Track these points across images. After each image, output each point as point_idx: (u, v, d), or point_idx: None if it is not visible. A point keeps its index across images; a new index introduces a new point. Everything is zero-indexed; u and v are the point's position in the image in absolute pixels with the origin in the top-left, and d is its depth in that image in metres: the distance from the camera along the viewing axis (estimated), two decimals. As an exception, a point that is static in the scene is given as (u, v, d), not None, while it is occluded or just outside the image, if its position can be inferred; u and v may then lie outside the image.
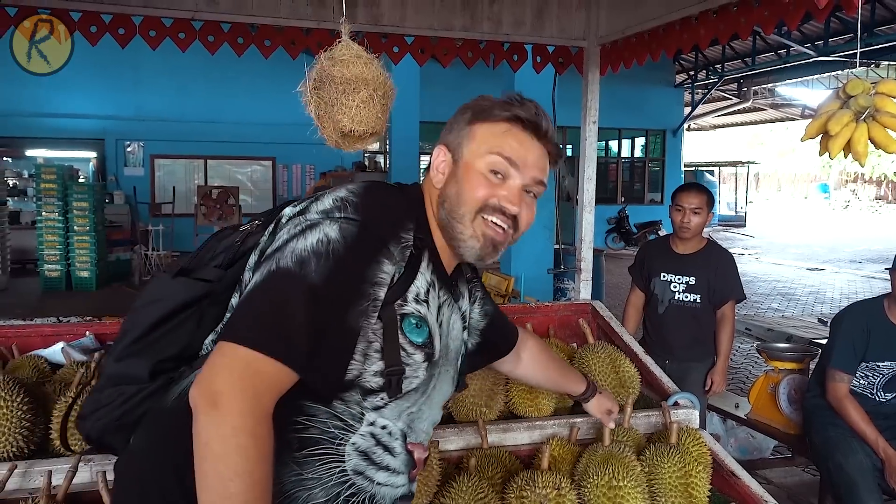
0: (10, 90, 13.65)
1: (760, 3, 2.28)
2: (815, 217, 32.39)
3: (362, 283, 1.13)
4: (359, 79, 1.84)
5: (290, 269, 1.10)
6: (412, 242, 1.22)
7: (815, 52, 13.59)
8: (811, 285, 12.18)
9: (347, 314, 1.11)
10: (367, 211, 1.19)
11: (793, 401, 3.57)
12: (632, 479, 1.79)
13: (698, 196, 3.49)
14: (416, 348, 1.23)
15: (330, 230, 1.14)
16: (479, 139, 1.30)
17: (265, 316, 1.06)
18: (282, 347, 1.04)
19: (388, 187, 1.32)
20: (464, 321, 1.49)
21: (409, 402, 1.25)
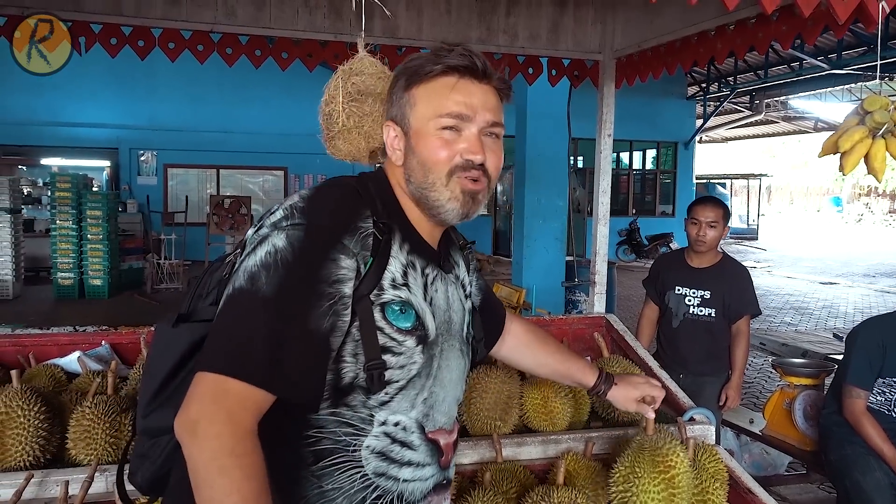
0: (26, 99, 13.84)
1: (778, 17, 2.27)
2: (827, 230, 32.20)
3: (318, 284, 1.11)
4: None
5: (242, 287, 1.10)
6: (372, 230, 1.18)
7: (829, 64, 13.55)
8: (824, 299, 12.08)
9: (308, 319, 1.10)
10: (314, 212, 1.17)
11: (808, 417, 3.53)
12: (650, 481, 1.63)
13: (714, 209, 3.47)
14: (405, 334, 1.21)
15: (277, 240, 1.13)
16: (420, 103, 1.25)
17: (224, 339, 1.08)
18: (241, 366, 1.04)
19: (339, 182, 1.27)
20: (464, 289, 1.45)
21: (416, 390, 1.23)
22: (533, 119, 8.02)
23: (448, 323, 1.32)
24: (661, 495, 1.61)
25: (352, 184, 1.26)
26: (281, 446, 1.16)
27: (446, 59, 1.24)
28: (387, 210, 1.25)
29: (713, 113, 18.47)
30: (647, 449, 1.66)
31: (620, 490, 1.67)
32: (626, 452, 1.71)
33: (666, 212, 19.32)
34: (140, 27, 2.68)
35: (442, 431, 1.29)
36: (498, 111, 1.29)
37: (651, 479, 1.61)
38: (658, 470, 1.62)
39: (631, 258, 17.33)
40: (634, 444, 1.72)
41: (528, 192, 8.06)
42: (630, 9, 2.96)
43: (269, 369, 1.06)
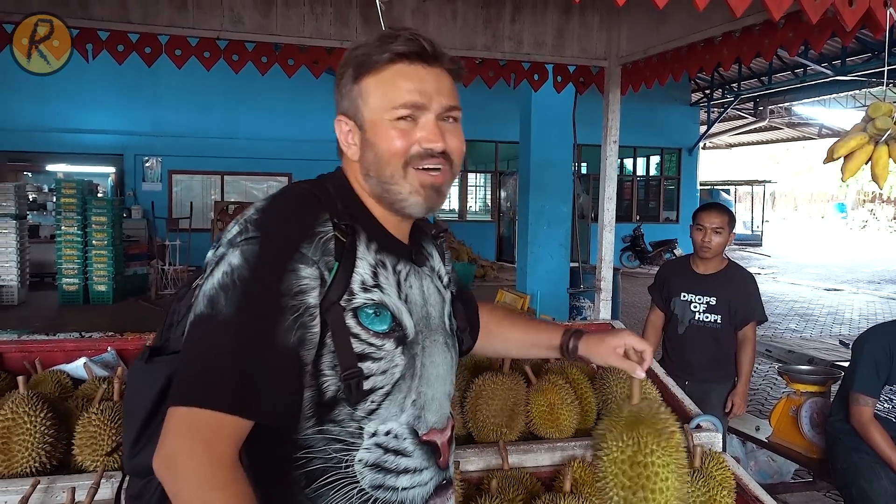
0: (32, 106, 13.90)
1: (785, 24, 2.27)
2: (832, 237, 32.12)
3: (279, 298, 1.06)
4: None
5: (202, 313, 1.06)
6: (333, 233, 1.13)
7: (833, 71, 13.55)
8: (829, 306, 12.05)
9: (274, 336, 1.05)
10: (268, 223, 1.12)
11: (815, 424, 3.52)
12: (664, 453, 1.37)
13: (720, 216, 3.47)
14: (382, 337, 1.16)
15: (232, 258, 1.08)
16: (372, 94, 1.19)
17: (191, 369, 1.04)
18: (211, 396, 1.01)
19: (295, 187, 1.21)
20: (441, 280, 1.40)
21: (403, 393, 1.19)
22: (537, 125, 8.02)
23: (427, 318, 1.27)
24: (678, 469, 1.39)
25: (308, 188, 1.20)
26: (271, 472, 1.13)
27: (393, 46, 1.18)
28: (348, 210, 1.20)
29: (717, 119, 18.48)
30: (646, 420, 1.40)
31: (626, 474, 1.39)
32: (615, 430, 1.42)
33: (670, 218, 19.31)
34: (147, 34, 2.69)
35: (435, 431, 1.25)
36: (453, 94, 1.25)
37: (665, 454, 1.38)
38: (665, 441, 1.39)
39: (635, 264, 17.30)
40: (623, 418, 1.43)
41: (532, 198, 8.06)
42: (636, 15, 2.97)
43: (240, 395, 1.02)
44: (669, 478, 1.33)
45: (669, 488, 1.32)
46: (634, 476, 1.34)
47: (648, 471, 1.33)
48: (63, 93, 13.95)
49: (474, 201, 20.47)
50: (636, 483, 1.33)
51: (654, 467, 1.33)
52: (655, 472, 1.33)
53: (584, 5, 3.06)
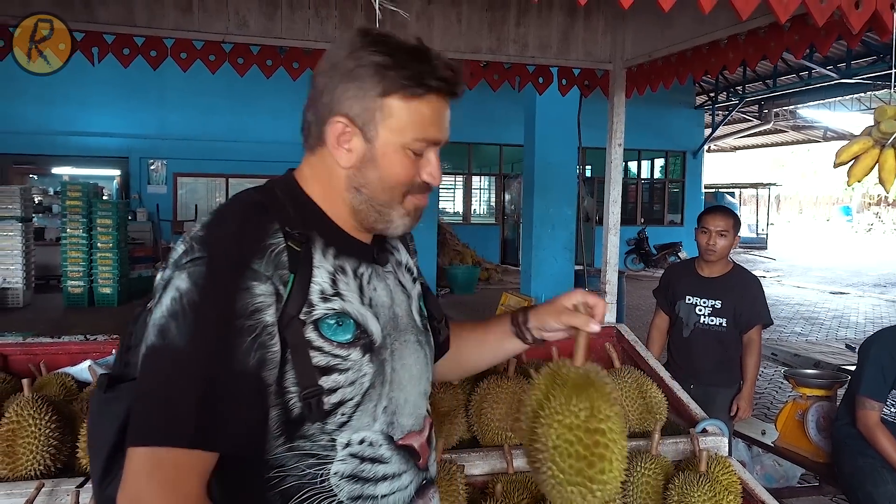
0: (37, 109, 13.95)
1: (791, 27, 2.27)
2: (837, 240, 32.03)
3: (234, 320, 1.00)
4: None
5: (154, 345, 1.00)
6: (284, 244, 1.07)
7: (838, 74, 13.52)
8: (835, 309, 12.01)
9: (232, 361, 1.00)
10: (214, 241, 1.06)
11: (821, 428, 3.50)
12: (617, 420, 1.19)
13: (724, 218, 3.46)
14: (347, 347, 1.10)
15: (180, 282, 1.02)
16: (397, 116, 1.12)
17: (147, 406, 0.99)
18: (170, 432, 0.96)
19: (241, 198, 1.15)
20: (411, 273, 1.35)
21: (374, 401, 1.14)
22: (542, 128, 8.03)
23: (395, 319, 1.22)
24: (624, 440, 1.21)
25: (255, 197, 1.14)
26: (243, 497, 1.09)
27: (435, 79, 1.12)
28: (301, 216, 1.14)
29: (721, 122, 18.44)
30: (595, 383, 1.20)
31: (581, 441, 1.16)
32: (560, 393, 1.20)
33: (674, 221, 19.28)
34: (152, 37, 2.69)
35: (411, 434, 1.20)
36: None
37: (619, 421, 1.20)
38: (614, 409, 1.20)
39: (639, 267, 17.28)
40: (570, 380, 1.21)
41: (536, 201, 8.05)
42: (641, 18, 2.96)
43: (200, 428, 0.97)
44: (621, 448, 1.18)
45: (622, 459, 1.18)
46: (591, 444, 1.15)
47: (605, 438, 1.15)
48: (68, 96, 14.00)
49: (478, 204, 20.47)
50: (592, 453, 1.15)
51: (610, 434, 1.16)
52: (613, 439, 1.16)
53: (589, 8, 3.05)
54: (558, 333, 1.38)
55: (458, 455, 1.99)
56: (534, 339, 1.41)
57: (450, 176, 18.87)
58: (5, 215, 10.08)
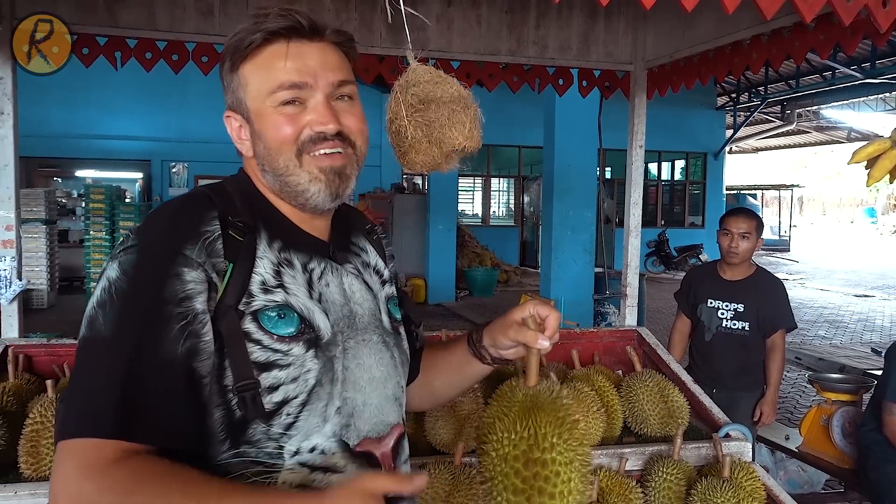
0: (61, 113, 14.15)
1: (816, 26, 2.23)
2: (861, 242, 31.57)
3: (162, 307, 0.96)
4: (463, 97, 1.86)
5: (84, 336, 0.97)
6: (220, 233, 1.04)
7: (863, 74, 13.33)
8: (860, 312, 11.83)
9: (159, 348, 0.95)
10: (147, 230, 1.04)
11: (847, 434, 3.45)
12: (566, 448, 1.08)
13: (747, 220, 3.42)
14: (289, 342, 1.04)
15: (110, 271, 1.00)
16: (252, 81, 1.11)
17: (71, 399, 0.94)
18: (88, 423, 0.91)
19: (188, 193, 1.13)
20: (380, 275, 1.28)
21: (323, 401, 1.06)
22: (561, 130, 8.00)
23: (350, 317, 1.15)
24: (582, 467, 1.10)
25: (202, 190, 1.12)
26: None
27: (264, 24, 1.09)
28: (249, 208, 1.11)
29: (743, 123, 18.26)
30: (544, 405, 1.11)
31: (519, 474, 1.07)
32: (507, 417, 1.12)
33: (695, 223, 19.11)
34: (174, 41, 2.71)
35: (370, 441, 1.10)
36: (343, 68, 1.14)
37: (568, 449, 1.08)
38: (567, 432, 1.09)
39: (660, 270, 17.14)
40: (517, 403, 1.13)
41: (556, 203, 8.02)
42: (662, 19, 2.93)
43: (121, 416, 0.91)
44: (573, 478, 1.07)
45: (572, 491, 1.06)
46: (529, 476, 1.06)
47: (547, 470, 1.05)
48: (91, 100, 14.18)
49: (497, 206, 20.44)
50: (531, 486, 1.05)
51: (554, 465, 1.06)
52: (556, 471, 1.06)
53: (610, 9, 3.03)
54: (511, 351, 1.27)
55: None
56: (492, 358, 1.31)
57: (469, 178, 18.86)
58: (30, 218, 10.23)
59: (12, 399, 2.05)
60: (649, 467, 2.08)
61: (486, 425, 1.14)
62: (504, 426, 1.10)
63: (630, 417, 2.33)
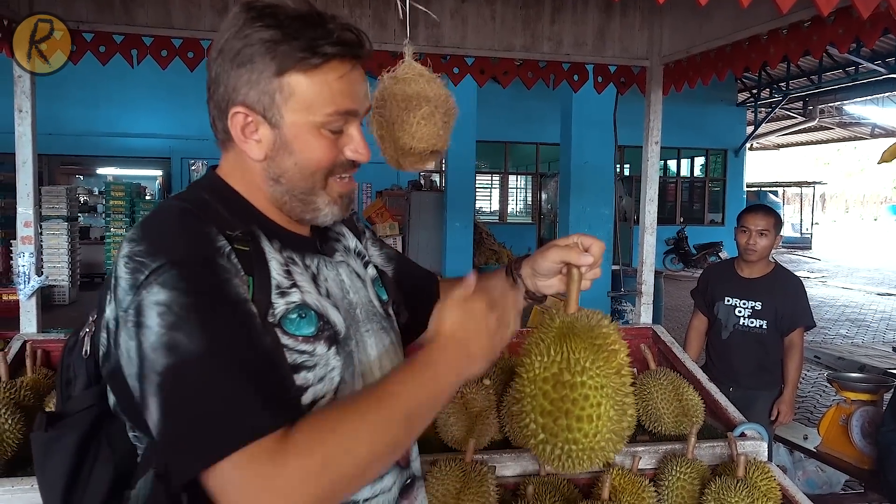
0: (82, 112, 14.33)
1: (835, 20, 2.20)
2: (885, 240, 31.11)
3: (234, 305, 0.92)
4: (420, 95, 1.80)
5: (168, 365, 0.87)
6: (231, 247, 0.98)
7: (887, 69, 13.13)
8: (882, 311, 11.66)
9: (256, 343, 0.92)
10: (163, 248, 0.94)
11: (866, 434, 3.40)
12: (599, 373, 1.07)
13: (765, 217, 3.38)
14: (312, 341, 1.02)
15: (155, 296, 0.89)
16: (300, 95, 1.02)
17: (202, 421, 0.85)
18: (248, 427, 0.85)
19: (164, 208, 1.04)
20: (361, 258, 1.27)
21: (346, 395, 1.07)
22: (578, 127, 7.95)
23: (351, 309, 1.14)
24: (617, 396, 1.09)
25: (181, 204, 1.03)
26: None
27: (331, 44, 1.01)
28: (236, 214, 1.06)
29: (764, 119, 18.07)
30: (580, 332, 1.11)
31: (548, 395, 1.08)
32: (543, 343, 1.12)
33: (715, 220, 18.95)
34: (189, 39, 2.73)
35: None
36: (369, 91, 1.13)
37: (600, 375, 1.08)
38: (603, 360, 1.09)
39: (678, 267, 17.02)
40: (555, 329, 1.14)
41: (573, 200, 7.98)
42: (678, 14, 2.91)
43: (270, 408, 0.87)
44: (603, 404, 1.04)
45: (601, 416, 1.04)
46: (557, 398, 1.05)
47: (576, 393, 1.04)
48: (112, 98, 14.35)
49: (514, 203, 20.41)
50: (558, 408, 1.04)
51: (583, 389, 1.04)
52: (584, 394, 1.04)
53: (626, 4, 3.01)
54: (551, 281, 1.27)
55: (489, 456, 1.98)
56: (528, 290, 1.31)
57: (486, 175, 18.83)
58: (52, 215, 10.36)
59: (30, 393, 2.07)
60: (663, 466, 2.06)
61: (523, 352, 1.15)
62: (538, 351, 1.10)
63: (644, 416, 2.32)
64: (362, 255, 1.29)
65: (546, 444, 1.08)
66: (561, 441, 1.06)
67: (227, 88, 1.04)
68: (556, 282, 1.28)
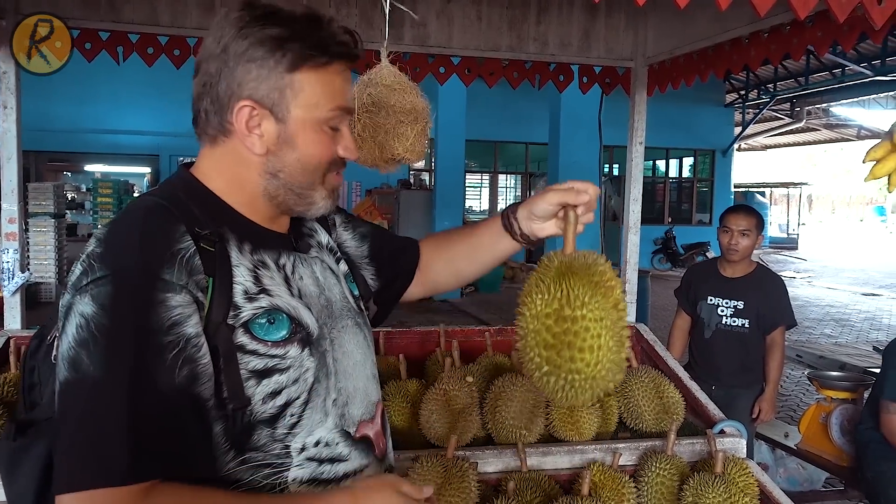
0: (70, 108, 14.24)
1: (814, 23, 2.23)
2: (870, 240, 31.38)
3: (151, 337, 0.91)
4: (416, 110, 1.90)
5: (67, 379, 0.89)
6: (194, 247, 0.99)
7: (872, 71, 13.25)
8: (866, 311, 11.78)
9: (157, 381, 0.90)
10: (115, 255, 0.95)
11: (845, 432, 3.45)
12: (598, 307, 1.12)
13: (747, 218, 3.42)
14: (283, 345, 1.04)
15: (83, 307, 0.91)
16: (308, 91, 1.06)
17: (72, 447, 0.87)
18: (103, 471, 0.85)
19: (139, 205, 1.05)
20: (333, 253, 1.29)
21: (322, 396, 1.08)
22: (566, 127, 8.00)
23: (329, 307, 1.16)
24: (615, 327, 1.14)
25: (154, 200, 1.05)
26: None
27: (336, 44, 1.07)
28: (209, 213, 1.06)
29: (752, 120, 18.18)
30: (578, 270, 1.15)
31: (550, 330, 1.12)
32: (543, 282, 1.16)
33: (703, 220, 19.05)
34: (176, 36, 2.74)
35: (365, 424, 1.15)
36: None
37: (599, 309, 1.12)
38: (602, 295, 1.13)
39: (666, 267, 17.09)
40: (554, 269, 1.17)
41: (561, 199, 8.02)
42: (662, 15, 2.94)
43: (136, 459, 0.86)
44: (603, 335, 1.10)
45: (602, 347, 1.10)
46: (560, 332, 1.10)
47: (577, 325, 1.09)
48: (100, 95, 14.26)
49: (504, 202, 20.43)
50: (561, 341, 1.09)
51: (584, 322, 1.09)
52: (585, 327, 1.09)
53: (611, 5, 3.04)
54: (547, 224, 1.31)
55: (471, 452, 2.00)
56: (521, 233, 1.34)
57: (476, 174, 18.85)
58: (39, 211, 10.21)
59: (13, 389, 2.08)
60: (643, 462, 2.09)
61: (524, 292, 1.18)
62: (539, 289, 1.14)
63: (625, 412, 2.34)
64: (334, 251, 1.31)
65: (550, 376, 1.12)
66: (564, 372, 1.10)
67: (230, 84, 1.05)
68: (550, 225, 1.31)
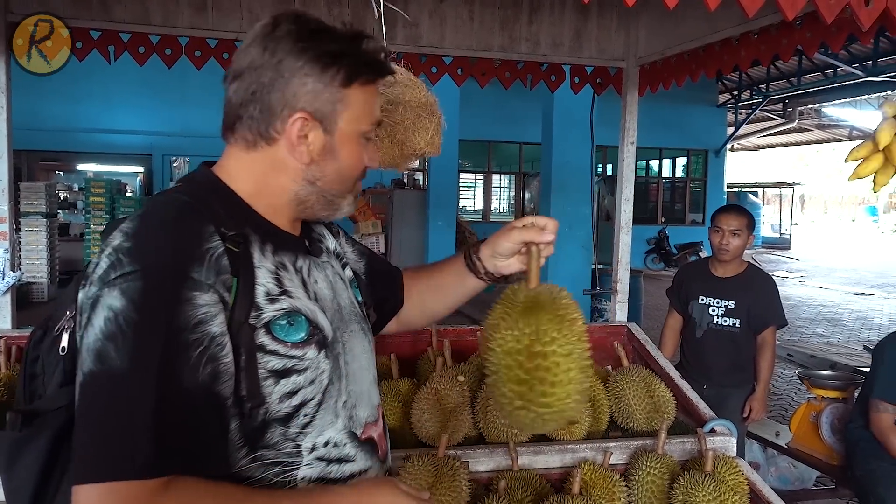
0: (63, 107, 14.17)
1: (802, 24, 2.25)
2: (862, 240, 31.51)
3: (178, 335, 0.93)
4: (430, 104, 1.92)
5: (92, 371, 0.91)
6: (223, 247, 1.00)
7: (864, 72, 13.32)
8: (858, 311, 11.83)
9: (181, 378, 0.92)
10: (145, 251, 0.97)
11: (836, 430, 3.47)
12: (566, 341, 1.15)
13: (738, 218, 3.43)
14: (302, 347, 1.06)
15: (112, 300, 0.93)
16: (355, 106, 1.10)
17: (94, 438, 0.89)
18: (125, 464, 0.87)
19: (167, 201, 1.07)
20: (340, 259, 1.33)
21: (334, 398, 1.11)
22: (559, 127, 8.01)
23: (339, 311, 1.19)
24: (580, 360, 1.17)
25: (182, 198, 1.06)
26: None
27: (380, 62, 1.14)
28: (233, 215, 1.07)
29: (745, 121, 18.23)
30: (545, 305, 1.17)
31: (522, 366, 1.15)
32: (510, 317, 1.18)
33: (696, 220, 19.11)
34: (167, 36, 2.73)
35: (369, 426, 1.19)
36: None
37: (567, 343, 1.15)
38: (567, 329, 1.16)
39: (659, 267, 17.14)
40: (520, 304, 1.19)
41: (554, 199, 8.04)
42: (654, 16, 2.95)
43: (155, 454, 0.88)
44: (572, 368, 1.14)
45: (571, 380, 1.14)
46: (532, 368, 1.13)
47: (548, 361, 1.12)
48: (93, 94, 14.20)
49: (498, 202, 20.46)
50: (533, 376, 1.13)
51: (554, 357, 1.13)
52: (556, 362, 1.13)
53: (603, 6, 3.05)
54: (510, 261, 1.35)
55: (462, 451, 2.00)
56: (486, 271, 1.38)
57: (469, 174, 18.85)
58: (31, 211, 10.22)
59: (4, 390, 2.07)
60: (633, 461, 2.10)
61: (491, 326, 1.20)
62: (507, 325, 1.17)
63: (616, 412, 2.35)
64: (340, 257, 1.34)
65: (522, 410, 1.16)
66: (535, 406, 1.13)
67: (284, 94, 1.07)
68: (514, 261, 1.35)
